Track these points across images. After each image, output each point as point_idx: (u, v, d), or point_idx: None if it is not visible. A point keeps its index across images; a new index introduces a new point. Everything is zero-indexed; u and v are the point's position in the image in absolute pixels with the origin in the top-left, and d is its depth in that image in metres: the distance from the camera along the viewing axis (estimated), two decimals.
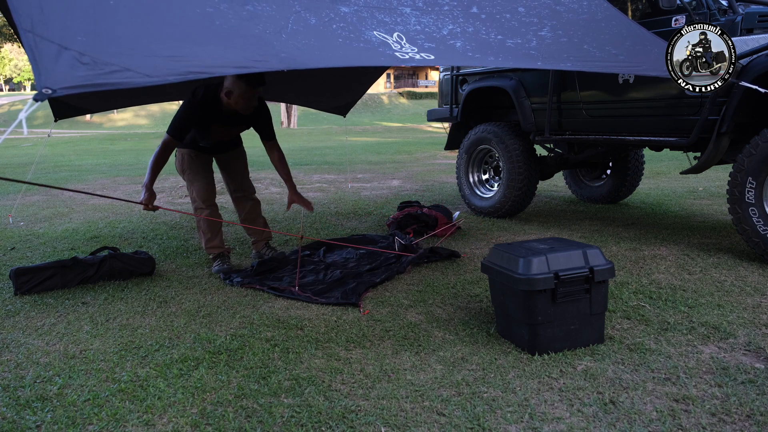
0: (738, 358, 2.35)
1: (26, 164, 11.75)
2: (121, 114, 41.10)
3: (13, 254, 4.28)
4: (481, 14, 3.00)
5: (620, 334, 2.61)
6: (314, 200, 6.68)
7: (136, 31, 2.18)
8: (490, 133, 5.30)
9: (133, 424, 1.96)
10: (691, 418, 1.92)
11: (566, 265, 2.41)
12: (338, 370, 2.32)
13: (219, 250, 3.80)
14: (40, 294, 3.31)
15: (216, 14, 2.38)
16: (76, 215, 5.91)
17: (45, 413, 2.03)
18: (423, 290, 3.29)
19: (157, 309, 3.07)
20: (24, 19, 1.89)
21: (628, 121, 4.32)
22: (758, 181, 3.52)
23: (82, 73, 1.80)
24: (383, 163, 11.28)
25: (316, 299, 3.14)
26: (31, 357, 2.49)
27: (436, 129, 23.79)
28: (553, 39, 3.01)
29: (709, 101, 3.71)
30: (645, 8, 4.23)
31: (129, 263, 3.62)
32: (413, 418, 1.96)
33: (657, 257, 3.83)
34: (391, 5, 2.85)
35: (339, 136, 21.89)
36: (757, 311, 2.84)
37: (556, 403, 2.04)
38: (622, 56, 3.07)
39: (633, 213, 5.48)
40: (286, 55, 2.30)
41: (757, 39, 3.51)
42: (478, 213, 5.49)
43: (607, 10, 3.42)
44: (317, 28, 2.56)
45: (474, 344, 2.55)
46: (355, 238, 4.35)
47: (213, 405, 2.07)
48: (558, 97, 4.74)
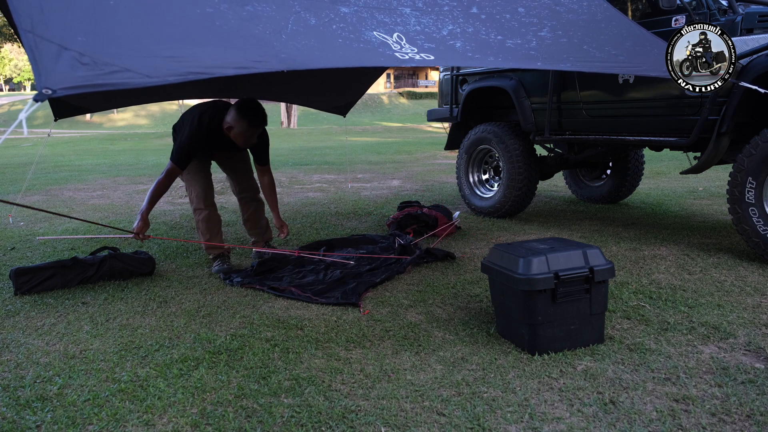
0: (738, 358, 2.35)
1: (26, 164, 11.76)
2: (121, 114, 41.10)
3: (13, 254, 4.28)
4: (480, 15, 3.00)
5: (620, 334, 2.61)
6: (314, 200, 6.68)
7: (136, 32, 2.18)
8: (490, 133, 5.30)
9: (133, 424, 1.96)
10: (691, 418, 1.92)
11: (566, 265, 2.41)
12: (338, 370, 2.32)
13: (219, 251, 3.81)
14: (40, 294, 3.32)
15: (216, 15, 2.38)
16: (76, 215, 5.91)
17: (45, 413, 2.03)
18: (423, 290, 3.29)
19: (157, 309, 3.07)
20: (24, 20, 1.89)
21: (628, 121, 4.32)
22: (758, 181, 3.52)
23: (82, 74, 1.81)
24: (383, 163, 11.28)
25: (316, 299, 3.14)
26: (31, 357, 2.49)
27: (436, 129, 23.79)
28: (553, 39, 3.01)
29: (709, 101, 3.71)
30: (645, 8, 4.23)
31: (129, 263, 3.62)
32: (413, 418, 1.96)
33: (657, 257, 3.83)
34: (390, 6, 2.85)
35: (339, 136, 21.89)
36: (757, 311, 2.84)
37: (556, 403, 2.04)
38: (622, 57, 3.07)
39: (633, 213, 5.48)
40: (286, 55, 2.30)
41: (757, 39, 3.51)
42: (478, 213, 5.49)
43: (607, 10, 3.42)
44: (317, 28, 2.55)
45: (474, 344, 2.55)
46: (355, 238, 4.35)
47: (213, 405, 2.07)
48: (558, 97, 4.74)
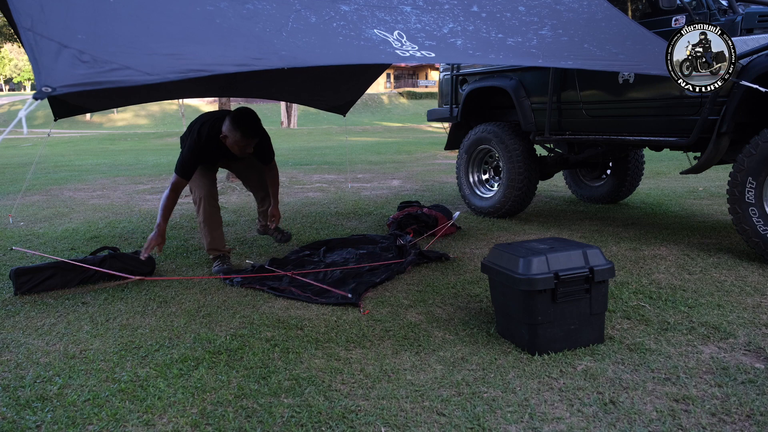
0: (738, 358, 2.35)
1: (26, 164, 11.75)
2: (121, 114, 41.10)
3: (13, 254, 4.28)
4: (481, 13, 2.99)
5: (620, 334, 2.60)
6: (314, 200, 6.68)
7: (136, 30, 2.17)
8: (490, 133, 5.29)
9: (133, 424, 1.96)
10: (691, 418, 1.92)
11: (566, 265, 2.41)
12: (338, 370, 2.32)
13: (219, 252, 3.81)
14: (40, 294, 3.31)
15: (216, 12, 2.38)
16: (76, 215, 5.91)
17: (45, 413, 2.02)
18: (423, 290, 3.29)
19: (157, 309, 3.07)
20: (24, 18, 1.89)
21: (628, 121, 4.32)
22: (758, 181, 3.52)
23: (82, 72, 1.80)
24: (383, 163, 11.27)
25: (316, 299, 3.14)
26: (31, 357, 2.49)
27: (436, 129, 23.79)
28: (554, 38, 3.01)
29: (709, 101, 3.71)
30: (645, 8, 4.23)
31: (129, 263, 3.62)
32: (413, 418, 1.95)
33: (657, 257, 3.83)
34: (391, 4, 2.84)
35: (339, 136, 21.89)
36: (757, 311, 2.83)
37: (556, 403, 2.04)
38: (623, 55, 3.07)
39: (633, 213, 5.48)
40: (287, 53, 2.30)
41: (757, 39, 3.51)
42: (478, 213, 5.48)
43: (608, 9, 3.42)
44: (317, 26, 2.55)
45: (474, 344, 2.55)
46: (354, 238, 4.35)
47: (213, 405, 2.06)
48: (558, 97, 4.73)
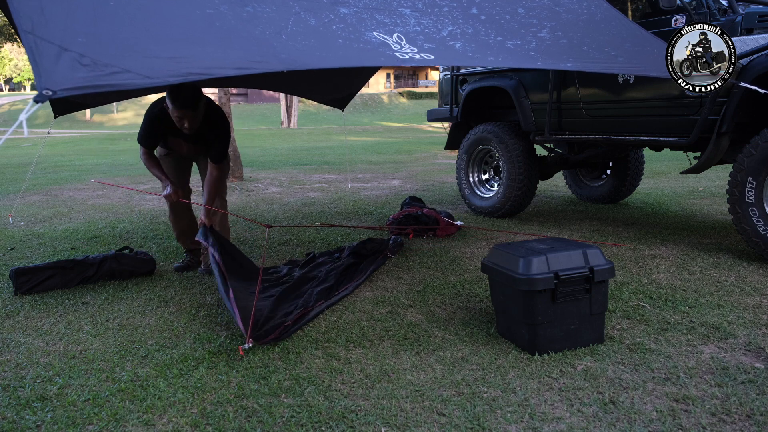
0: (738, 358, 2.36)
1: (26, 164, 11.75)
2: (122, 114, 41.10)
3: (13, 254, 4.28)
4: (480, 15, 3.00)
5: (620, 334, 2.61)
6: (314, 200, 6.68)
7: (136, 33, 2.18)
8: (490, 133, 5.30)
9: (133, 424, 1.96)
10: (691, 418, 1.92)
11: (566, 265, 2.41)
12: (338, 370, 2.32)
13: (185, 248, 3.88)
14: (40, 294, 3.32)
15: (216, 15, 2.38)
16: (76, 215, 5.91)
17: (45, 413, 2.03)
18: (423, 290, 3.29)
19: (157, 309, 3.07)
20: (24, 21, 1.89)
21: (628, 121, 4.32)
22: (758, 181, 3.52)
23: (83, 75, 1.81)
24: (383, 163, 11.28)
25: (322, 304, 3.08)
26: (31, 357, 2.50)
27: (436, 129, 23.78)
28: (553, 40, 3.01)
29: (709, 101, 3.71)
30: (645, 8, 4.23)
31: (129, 263, 3.62)
32: (413, 418, 1.96)
33: (657, 257, 3.83)
34: (390, 6, 2.85)
35: (339, 136, 21.88)
36: (757, 311, 2.84)
37: (556, 403, 2.04)
38: (621, 58, 3.07)
39: (633, 213, 5.48)
40: (286, 55, 2.31)
41: (757, 39, 3.51)
42: (478, 213, 5.49)
43: (607, 11, 3.42)
44: (317, 29, 2.56)
45: (474, 344, 2.55)
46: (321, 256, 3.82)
47: (213, 405, 2.07)
48: (558, 97, 4.74)
